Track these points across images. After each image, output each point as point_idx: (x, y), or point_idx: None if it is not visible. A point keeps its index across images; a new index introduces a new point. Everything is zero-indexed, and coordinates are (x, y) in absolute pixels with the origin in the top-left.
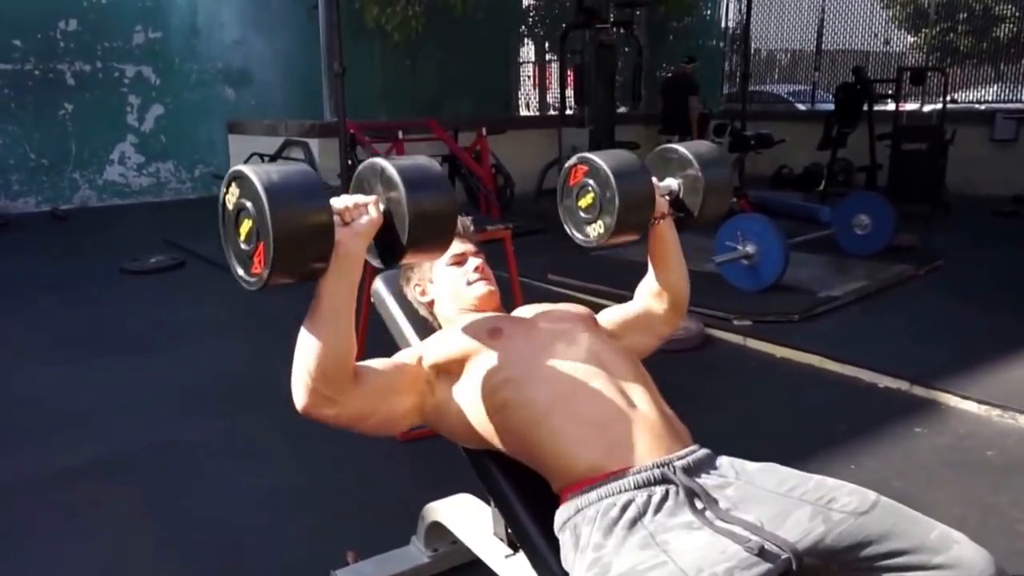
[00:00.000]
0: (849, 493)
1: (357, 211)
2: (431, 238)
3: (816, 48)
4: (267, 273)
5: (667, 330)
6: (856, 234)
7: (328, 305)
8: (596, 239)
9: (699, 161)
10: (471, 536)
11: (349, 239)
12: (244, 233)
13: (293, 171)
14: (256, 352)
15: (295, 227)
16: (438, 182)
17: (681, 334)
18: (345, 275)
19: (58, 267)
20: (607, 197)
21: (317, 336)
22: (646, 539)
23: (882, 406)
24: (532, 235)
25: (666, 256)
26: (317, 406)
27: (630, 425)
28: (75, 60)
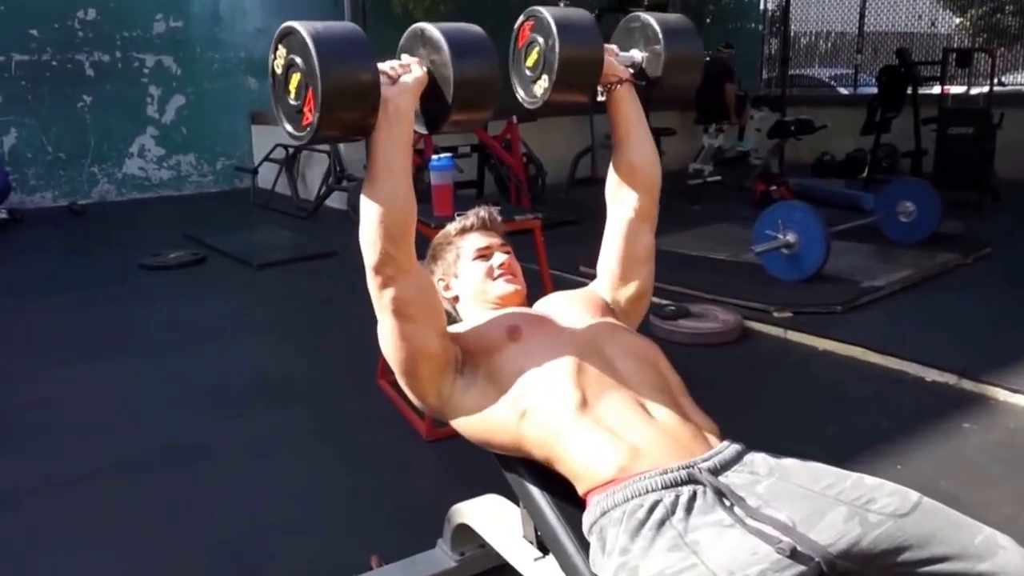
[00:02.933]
0: (889, 493)
1: (403, 70)
2: (475, 101)
3: (858, 30)
4: (316, 118)
5: (648, 236)
6: (901, 222)
7: (382, 160)
8: (541, 96)
9: (664, 31)
10: (499, 539)
11: (397, 94)
12: (294, 88)
13: (339, 25)
14: (278, 349)
15: (341, 70)
16: (481, 43)
17: (719, 327)
18: (396, 129)
19: (75, 263)
20: (549, 47)
21: (374, 192)
22: (675, 539)
23: (928, 401)
24: (564, 226)
25: (627, 125)
26: (382, 263)
27: (654, 428)
28: (94, 50)
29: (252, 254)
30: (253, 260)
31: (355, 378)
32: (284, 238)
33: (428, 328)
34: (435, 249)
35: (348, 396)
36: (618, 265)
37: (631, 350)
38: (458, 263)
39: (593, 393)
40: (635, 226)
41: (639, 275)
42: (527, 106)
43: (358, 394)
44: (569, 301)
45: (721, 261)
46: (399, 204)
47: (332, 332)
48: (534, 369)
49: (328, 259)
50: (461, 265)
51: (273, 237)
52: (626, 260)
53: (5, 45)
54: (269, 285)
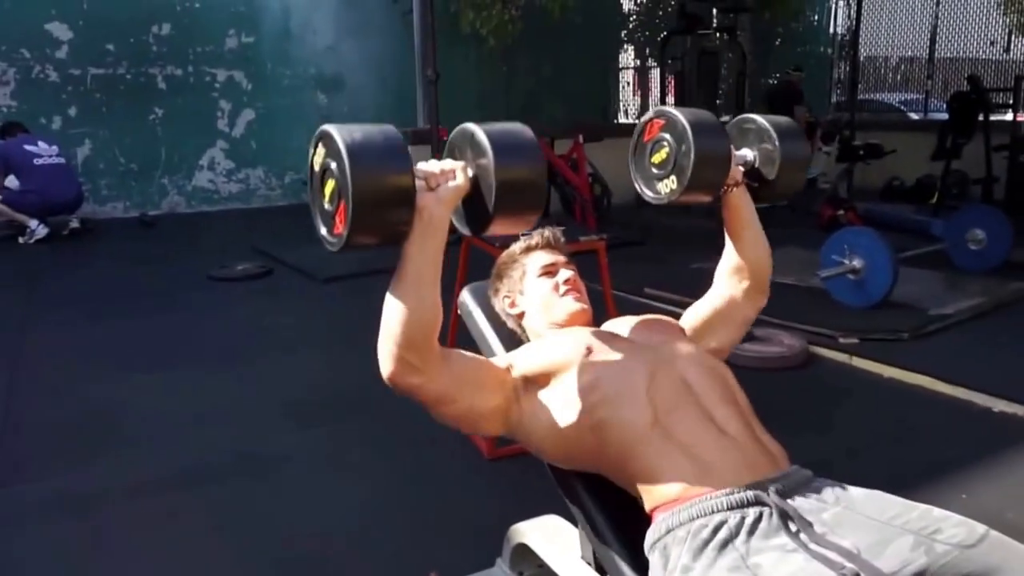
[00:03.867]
0: (956, 525)
1: (444, 176)
2: (518, 207)
3: (929, 55)
4: (347, 233)
5: (751, 312)
6: (970, 249)
7: (412, 270)
8: (667, 195)
9: (777, 132)
10: (557, 559)
11: (433, 204)
12: (328, 193)
13: (377, 131)
14: (341, 362)
15: (374, 186)
16: (528, 149)
17: (784, 351)
18: (429, 240)
19: (145, 273)
20: (682, 151)
21: (402, 301)
22: (736, 561)
23: (996, 432)
24: (630, 247)
25: (741, 226)
26: (402, 374)
27: (724, 446)
28: (167, 64)
29: (318, 268)
30: (319, 274)
31: None
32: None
33: (476, 399)
34: (500, 268)
35: (411, 411)
36: (710, 321)
37: (703, 365)
38: (524, 280)
39: (665, 404)
40: (739, 301)
41: (728, 336)
42: (647, 200)
43: (419, 409)
44: (639, 321)
45: (787, 285)
46: (426, 314)
47: None
48: (607, 383)
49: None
50: (527, 282)
51: None
52: (720, 320)
53: (82, 59)
54: (334, 299)
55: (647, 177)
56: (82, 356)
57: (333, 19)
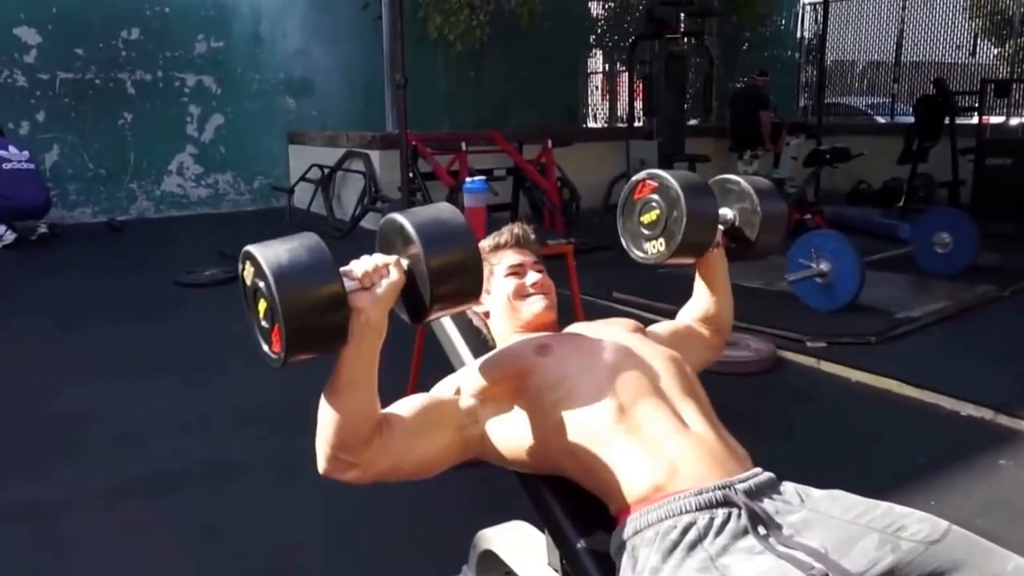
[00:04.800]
0: (919, 521)
1: (377, 274)
2: (454, 293)
3: (895, 59)
4: (283, 355)
5: (711, 356)
6: (937, 252)
7: (346, 375)
8: (655, 256)
9: (758, 194)
10: (524, 566)
11: (370, 304)
12: (262, 312)
13: (299, 246)
14: (307, 369)
15: (305, 308)
16: (457, 233)
17: (752, 356)
18: (366, 341)
19: (112, 278)
20: (673, 217)
21: (334, 406)
22: (705, 563)
23: (964, 436)
24: (598, 251)
25: (715, 284)
26: (337, 471)
27: (690, 445)
28: (136, 69)
29: None
30: None
31: (386, 400)
32: None
33: (422, 449)
34: None
35: None
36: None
37: (664, 358)
38: (491, 279)
39: (630, 400)
40: (702, 344)
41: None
42: (633, 258)
43: None
44: (603, 322)
45: (754, 289)
46: (360, 415)
47: None
48: (569, 380)
49: None
50: (494, 281)
51: None
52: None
53: (51, 64)
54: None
55: (635, 235)
56: (46, 363)
57: (302, 24)
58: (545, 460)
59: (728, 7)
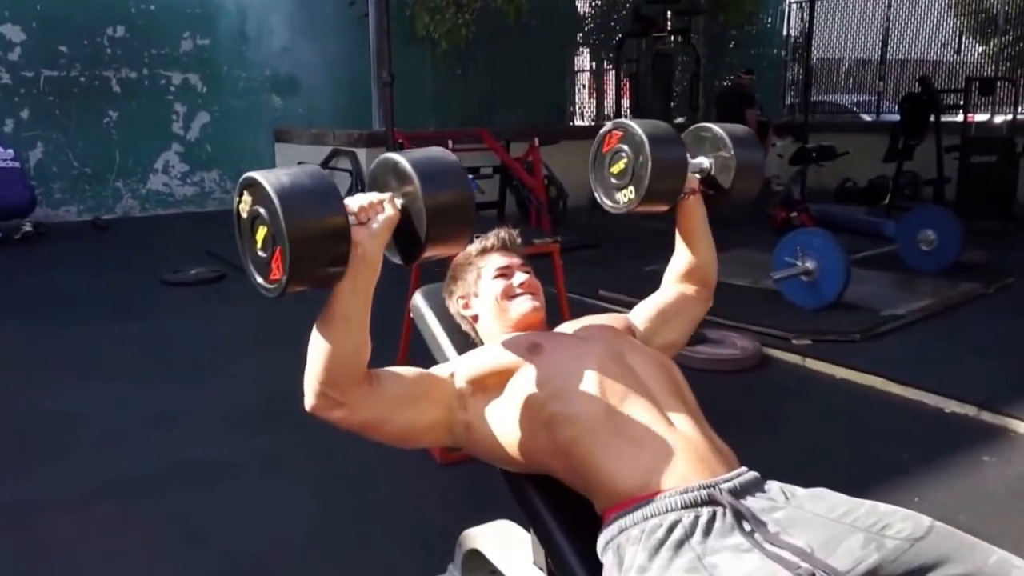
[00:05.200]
0: (903, 519)
1: (373, 210)
2: (449, 231)
3: (881, 57)
4: (285, 279)
5: (700, 311)
6: (922, 250)
7: (340, 308)
8: (626, 205)
9: (733, 141)
10: (510, 565)
11: (367, 239)
12: (260, 240)
13: (305, 174)
14: (293, 368)
15: (310, 231)
16: (453, 172)
17: (737, 353)
18: (362, 276)
19: (97, 278)
20: (640, 162)
21: (327, 338)
22: (693, 562)
23: (948, 433)
24: (585, 249)
25: (694, 232)
26: (323, 408)
27: (676, 445)
28: (121, 67)
29: None
30: None
31: None
32: None
33: (408, 415)
34: (455, 269)
35: None
36: (662, 314)
37: (651, 358)
38: (479, 282)
39: (617, 400)
40: (690, 301)
41: (679, 330)
42: (607, 209)
43: None
44: (589, 321)
45: (740, 287)
46: (352, 353)
47: None
48: (558, 378)
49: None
50: (481, 284)
51: None
52: (671, 315)
53: (35, 61)
54: (289, 303)
55: (607, 187)
56: (30, 363)
57: (288, 21)
58: (532, 458)
59: (714, 5)
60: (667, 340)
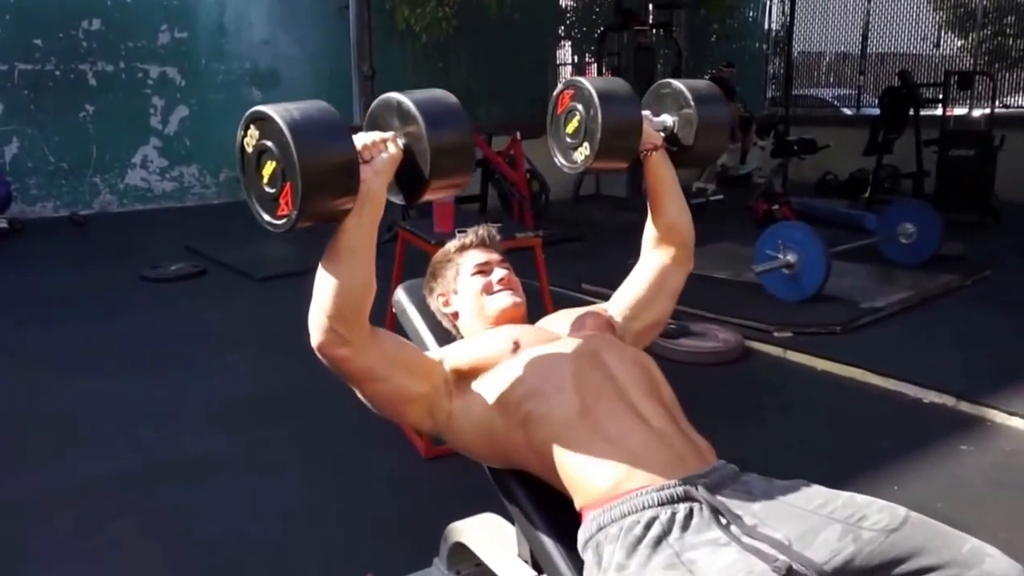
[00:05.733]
0: (879, 510)
1: (376, 148)
2: (451, 170)
3: (861, 51)
4: (295, 214)
5: (680, 278)
6: (901, 243)
7: (346, 243)
8: (583, 163)
9: (694, 97)
10: (494, 558)
11: (371, 178)
12: (267, 175)
13: (314, 108)
14: (276, 364)
15: (322, 165)
16: (455, 113)
17: (720, 346)
18: (367, 213)
19: (76, 274)
20: (591, 117)
21: (334, 274)
22: (671, 558)
23: (927, 423)
24: (567, 243)
25: (662, 190)
26: (330, 344)
27: (652, 442)
28: (98, 60)
29: (254, 267)
30: (255, 273)
31: (355, 395)
32: (287, 251)
33: (403, 380)
34: (435, 267)
35: (348, 413)
36: (642, 295)
37: (628, 361)
38: (457, 279)
39: (592, 399)
40: (669, 268)
41: (659, 309)
42: (566, 171)
43: (358, 411)
44: (570, 316)
45: (722, 280)
46: (358, 287)
47: None
48: (534, 376)
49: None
50: (460, 281)
51: (275, 250)
52: (652, 293)
53: (9, 54)
54: (271, 299)
55: (563, 148)
56: (7, 362)
57: (268, 14)
58: (510, 456)
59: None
60: (649, 321)
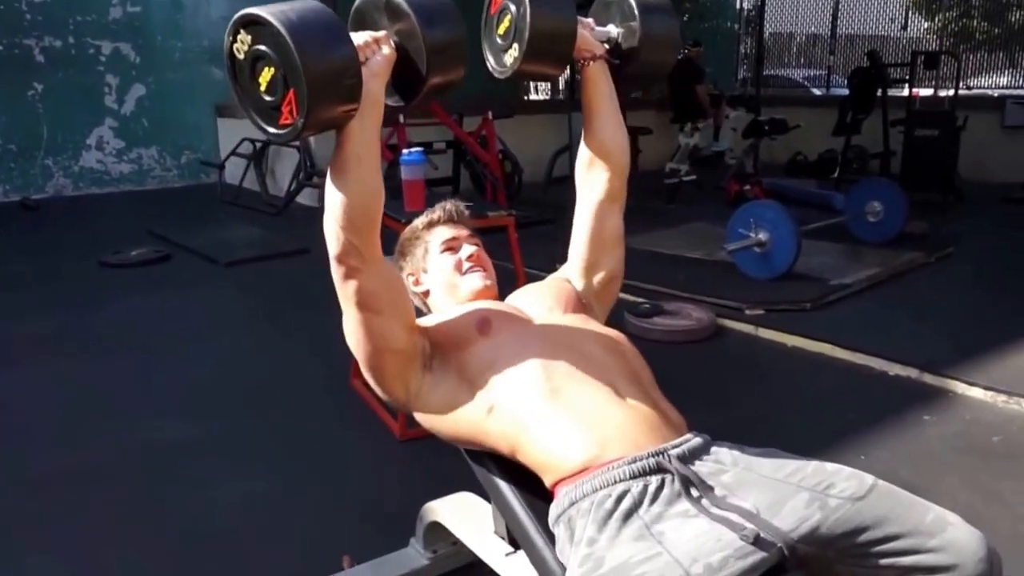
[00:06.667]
0: (847, 478)
1: (369, 49)
2: (448, 67)
3: (831, 32)
4: (302, 122)
5: (617, 218)
6: (869, 221)
7: (352, 151)
8: (512, 65)
9: (640, 7)
10: (471, 535)
11: (368, 79)
12: (265, 83)
13: (307, 8)
14: (247, 349)
15: (326, 68)
16: (448, 7)
17: (692, 324)
18: (367, 116)
19: (31, 262)
20: (520, 15)
21: (343, 184)
22: (640, 530)
23: (892, 394)
24: (540, 225)
25: (599, 104)
26: (346, 254)
27: (623, 416)
28: (44, 35)
29: (219, 251)
30: (220, 258)
31: (327, 378)
32: (253, 235)
33: (394, 322)
34: (403, 244)
35: (320, 396)
36: (588, 249)
37: (600, 340)
38: (427, 257)
39: (562, 382)
40: (604, 208)
41: (609, 259)
42: (496, 75)
43: (330, 394)
44: (540, 293)
45: (695, 260)
46: (368, 194)
47: (303, 331)
48: (503, 363)
49: (299, 257)
50: (430, 259)
51: (241, 234)
52: (596, 243)
53: None
54: (237, 283)
55: (495, 51)
56: None
57: None
58: (476, 439)
59: None
60: (604, 278)
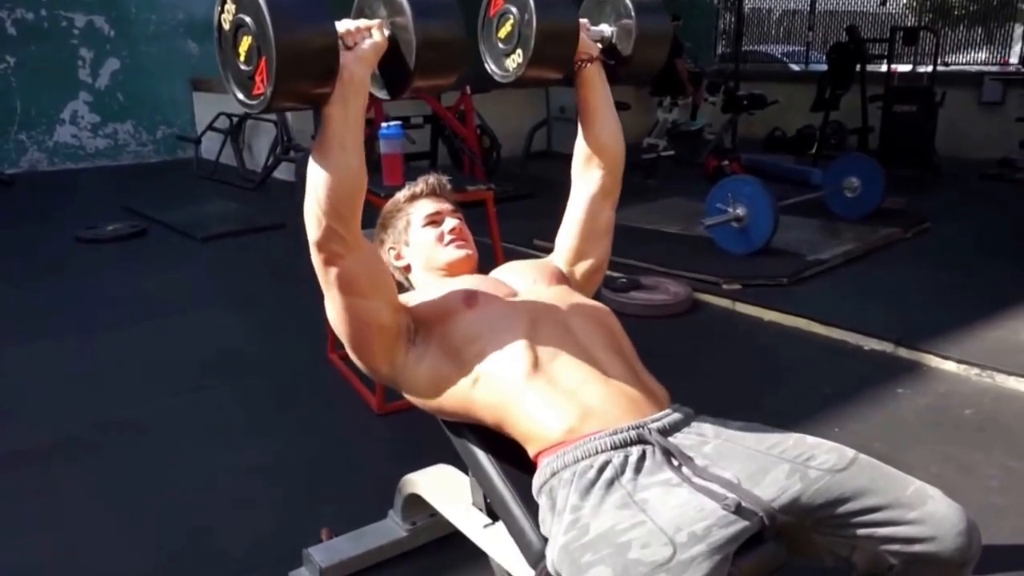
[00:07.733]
0: (828, 451)
1: (360, 35)
2: (438, 65)
3: (811, 7)
4: (270, 91)
5: (609, 213)
6: (846, 197)
7: (336, 139)
8: (515, 71)
9: (635, 6)
10: (449, 507)
11: (353, 63)
12: (244, 52)
13: None
14: (224, 324)
15: (298, 41)
16: (446, 6)
17: (670, 299)
18: (351, 101)
19: (4, 237)
20: (525, 21)
21: (324, 167)
22: (624, 499)
23: (867, 368)
24: (519, 200)
25: (595, 104)
26: (328, 240)
27: (605, 389)
28: (16, 7)
29: (196, 226)
30: (197, 232)
31: (304, 352)
32: (230, 210)
33: (377, 302)
34: (385, 217)
35: (297, 370)
36: (578, 240)
37: (585, 313)
38: (408, 230)
39: (547, 354)
40: (598, 202)
41: (597, 249)
42: (498, 80)
43: (308, 368)
44: (524, 269)
45: (673, 234)
46: (350, 180)
47: (280, 306)
48: (488, 334)
49: (276, 231)
50: (412, 232)
51: (218, 209)
52: (586, 235)
53: None
54: (214, 258)
55: (495, 55)
56: None
57: None
58: (462, 410)
59: None
60: (589, 267)
